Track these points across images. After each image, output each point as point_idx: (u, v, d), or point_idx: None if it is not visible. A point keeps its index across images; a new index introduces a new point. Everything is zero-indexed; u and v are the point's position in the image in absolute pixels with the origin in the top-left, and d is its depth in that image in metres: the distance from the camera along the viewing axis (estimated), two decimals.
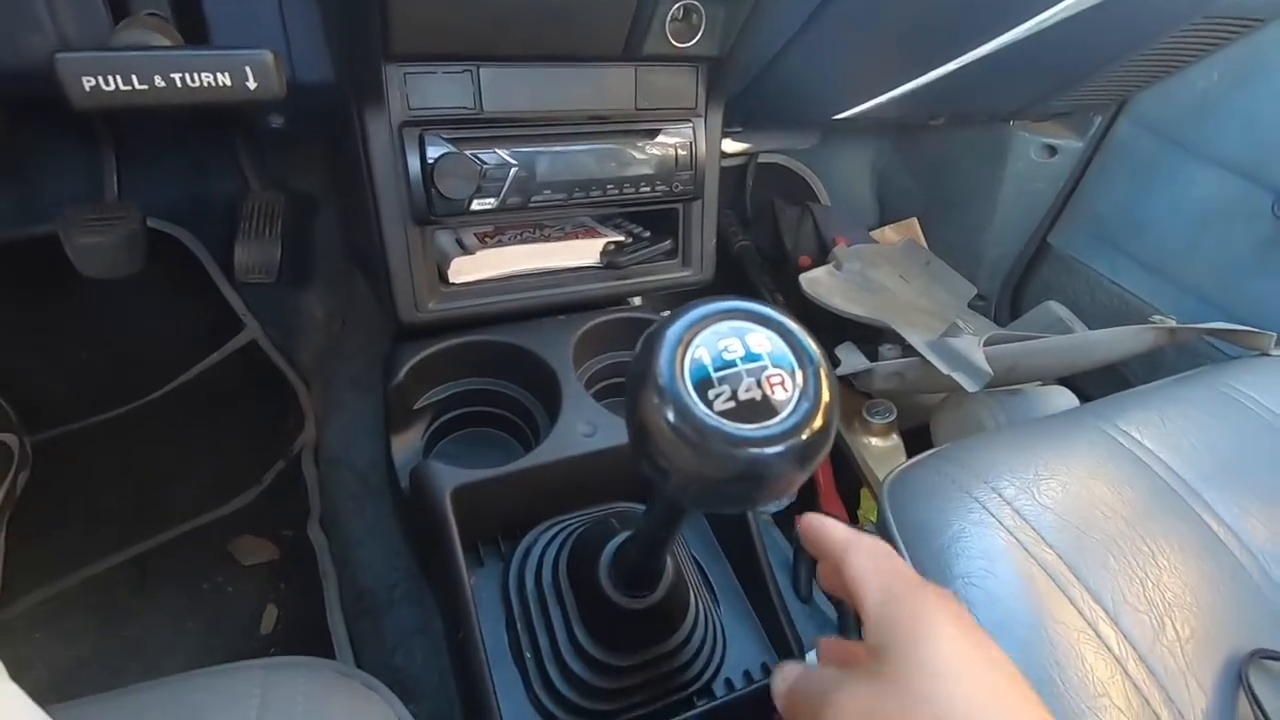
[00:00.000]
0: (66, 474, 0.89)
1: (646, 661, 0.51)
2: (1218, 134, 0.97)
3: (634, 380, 0.25)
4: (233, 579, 0.82)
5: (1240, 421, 0.60)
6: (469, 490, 0.54)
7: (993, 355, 0.75)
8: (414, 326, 0.62)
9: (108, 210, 0.88)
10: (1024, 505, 0.49)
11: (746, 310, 0.25)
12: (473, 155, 0.57)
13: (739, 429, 0.23)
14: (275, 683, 0.37)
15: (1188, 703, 0.41)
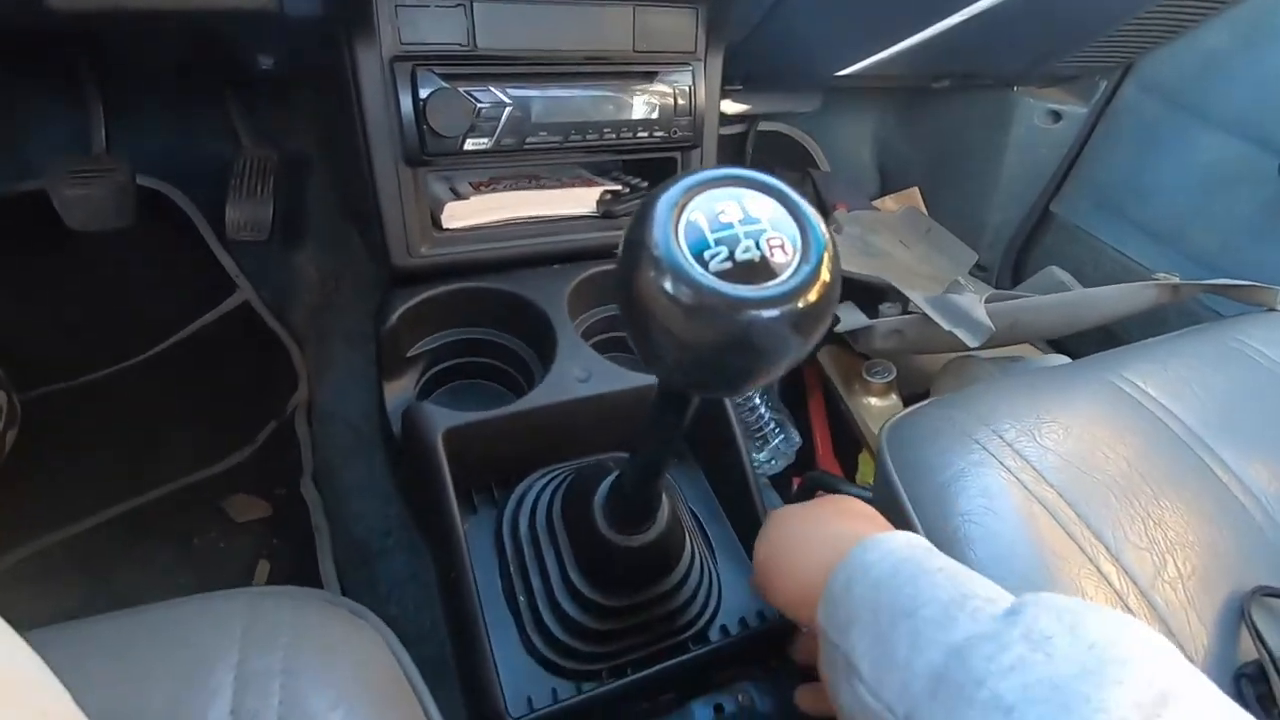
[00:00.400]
0: (56, 432, 0.88)
1: (641, 603, 0.50)
2: (1225, 96, 0.95)
3: (627, 247, 0.24)
4: (225, 535, 0.82)
5: (1244, 372, 0.60)
6: (461, 432, 0.54)
7: (994, 312, 0.74)
8: (407, 271, 0.61)
9: (95, 162, 0.87)
10: (1025, 447, 0.49)
11: (746, 177, 0.24)
12: (466, 93, 0.56)
13: (735, 289, 0.22)
14: (261, 608, 0.36)
15: (1189, 636, 0.41)
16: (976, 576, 0.32)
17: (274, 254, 1.00)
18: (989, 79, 1.10)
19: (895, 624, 0.31)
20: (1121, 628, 0.27)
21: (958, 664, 0.28)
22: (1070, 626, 0.27)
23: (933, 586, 0.32)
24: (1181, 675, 0.26)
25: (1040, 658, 0.26)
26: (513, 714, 0.47)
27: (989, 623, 0.29)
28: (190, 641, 0.34)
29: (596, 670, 0.51)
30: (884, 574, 0.34)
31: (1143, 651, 0.26)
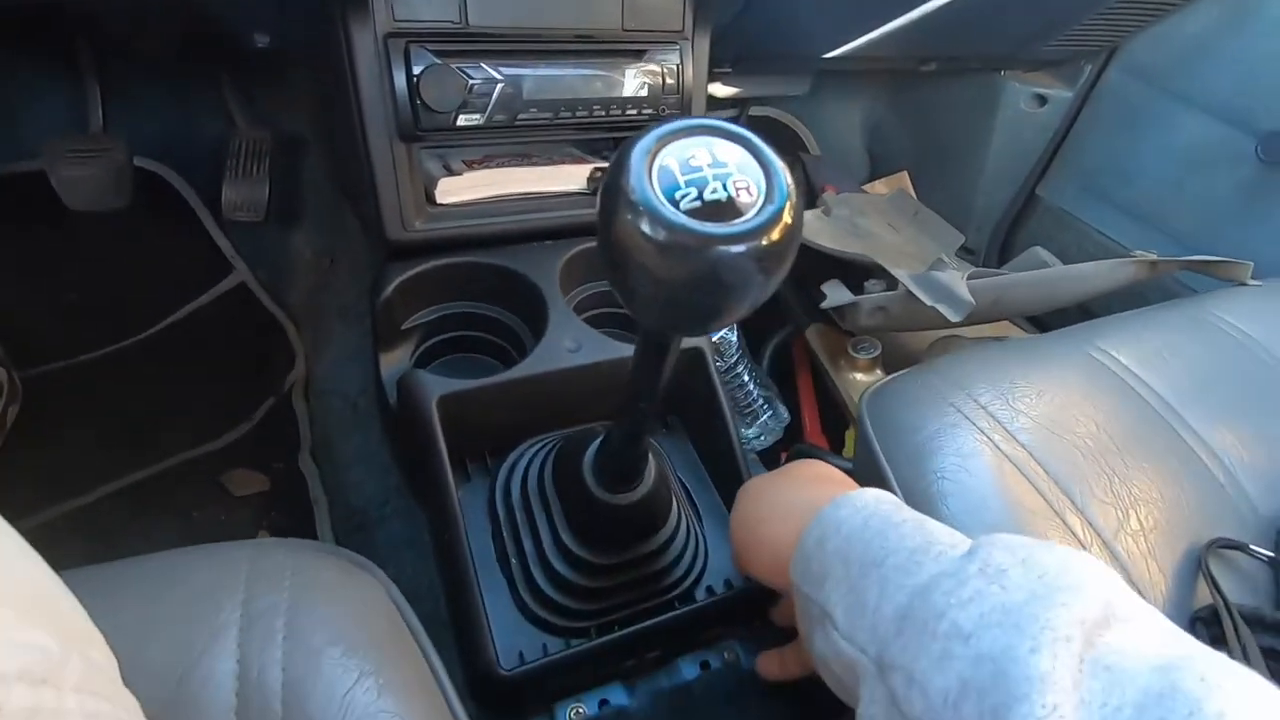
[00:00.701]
0: (55, 410, 0.89)
1: (629, 562, 0.52)
2: (1206, 79, 0.97)
3: (605, 191, 0.25)
4: (225, 509, 0.83)
5: (1215, 343, 0.62)
6: (455, 399, 0.55)
7: (976, 289, 0.76)
8: (401, 245, 0.62)
9: (92, 142, 0.88)
10: (999, 410, 0.50)
11: (715, 126, 0.26)
12: (459, 69, 0.57)
13: (704, 226, 0.24)
14: (264, 557, 0.38)
15: (1148, 584, 0.43)
16: (941, 527, 0.34)
17: (270, 234, 1.01)
18: (976, 62, 1.11)
19: (866, 573, 0.33)
20: (1069, 557, 0.29)
21: (921, 602, 0.30)
22: (1022, 560, 0.29)
23: (900, 537, 0.34)
24: (1125, 598, 0.28)
25: (995, 589, 0.28)
26: (504, 667, 0.49)
27: (950, 563, 0.31)
28: (196, 583, 0.35)
29: (585, 627, 0.53)
30: (855, 528, 0.35)
31: (1089, 578, 0.28)
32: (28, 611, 0.21)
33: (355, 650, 0.34)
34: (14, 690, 0.18)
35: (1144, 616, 0.28)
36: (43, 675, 0.19)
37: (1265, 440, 0.53)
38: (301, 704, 0.31)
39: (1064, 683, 0.24)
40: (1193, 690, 0.23)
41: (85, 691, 0.20)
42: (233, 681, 0.31)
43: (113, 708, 0.22)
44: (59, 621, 0.23)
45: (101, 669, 0.23)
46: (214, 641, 0.33)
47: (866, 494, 0.38)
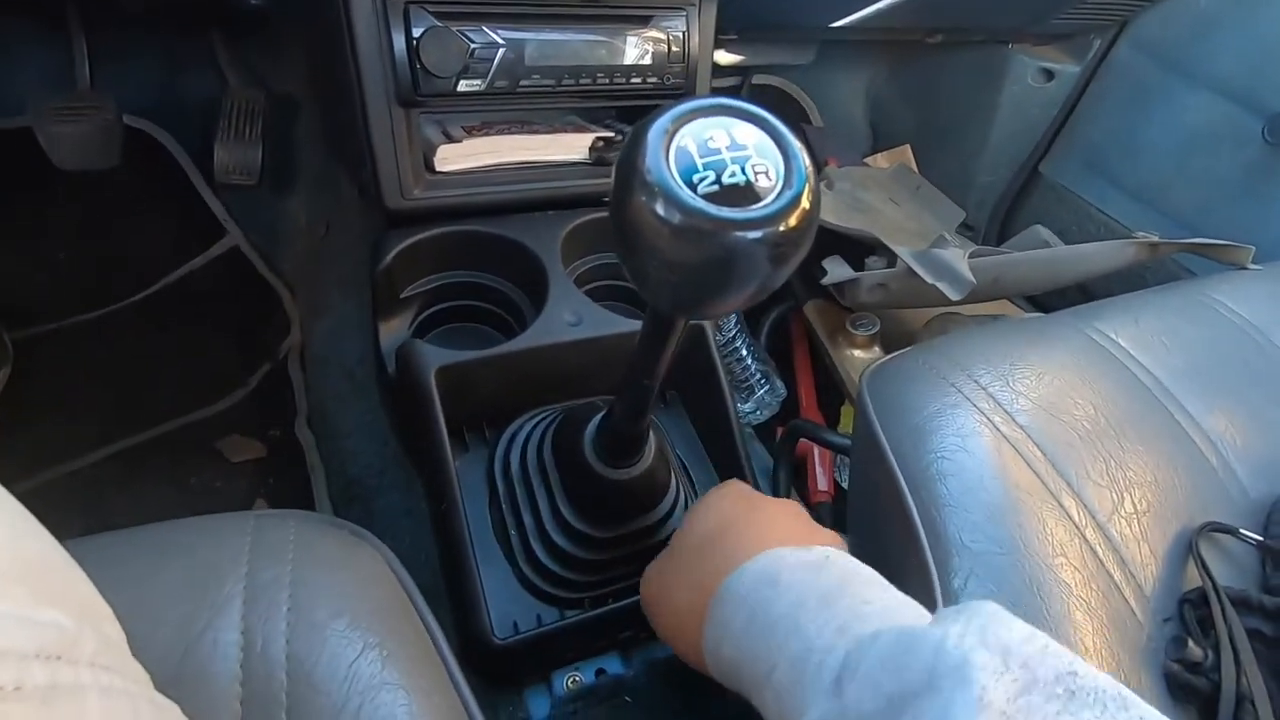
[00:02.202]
0: (47, 373, 0.88)
1: (626, 536, 0.53)
2: (1215, 56, 0.96)
3: (620, 169, 0.25)
4: (221, 475, 0.83)
5: (1213, 326, 0.62)
6: (453, 370, 0.55)
7: (976, 267, 0.76)
8: (400, 214, 0.61)
9: (80, 99, 0.86)
10: (998, 391, 0.51)
11: (734, 107, 0.25)
12: (460, 32, 0.56)
13: (720, 211, 0.23)
14: (267, 526, 0.38)
15: (1139, 565, 0.44)
16: (818, 607, 0.32)
17: (263, 198, 0.99)
18: (984, 34, 1.09)
19: (760, 690, 0.33)
20: (933, 669, 0.26)
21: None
22: (889, 700, 0.26)
23: (780, 644, 0.32)
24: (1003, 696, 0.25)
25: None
26: (498, 635, 0.50)
27: (827, 700, 0.28)
28: (199, 555, 0.35)
29: (580, 599, 0.53)
30: (739, 630, 0.34)
31: (953, 703, 0.25)
32: (41, 588, 0.21)
33: (359, 622, 0.34)
34: (32, 668, 0.18)
35: (1039, 669, 0.25)
36: (58, 652, 0.19)
37: (1259, 425, 0.54)
38: (307, 676, 0.31)
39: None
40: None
41: (99, 666, 0.21)
42: (237, 653, 0.31)
43: (125, 681, 0.22)
44: (71, 597, 0.23)
45: (114, 643, 0.23)
46: (218, 615, 0.33)
47: (745, 576, 0.35)
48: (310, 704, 0.31)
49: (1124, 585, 0.43)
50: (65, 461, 0.82)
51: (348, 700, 0.31)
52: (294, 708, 0.30)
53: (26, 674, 0.18)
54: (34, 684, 0.18)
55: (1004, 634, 0.26)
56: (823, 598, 0.32)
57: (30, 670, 0.18)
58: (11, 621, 0.18)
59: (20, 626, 0.18)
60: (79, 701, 0.19)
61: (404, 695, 0.32)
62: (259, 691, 0.31)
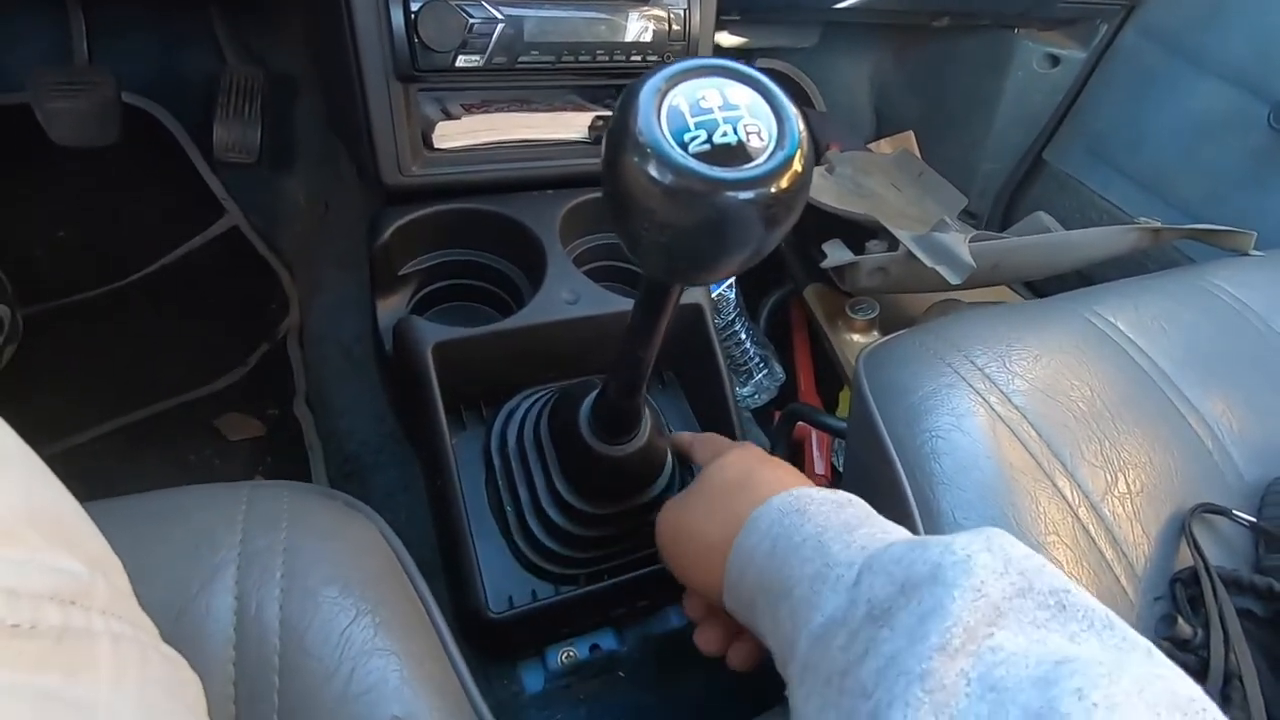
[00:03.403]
0: (46, 350, 0.88)
1: (621, 513, 0.53)
2: (1223, 43, 0.95)
3: (611, 130, 0.25)
4: (220, 453, 0.84)
5: (1213, 311, 0.62)
6: (450, 347, 0.55)
7: (977, 251, 0.75)
8: (398, 190, 0.61)
9: (79, 75, 0.85)
10: (994, 372, 0.51)
11: (727, 67, 0.25)
12: (458, 7, 0.55)
13: (712, 170, 0.23)
14: (261, 498, 0.38)
15: (1131, 545, 0.44)
16: (840, 531, 0.33)
17: (262, 177, 0.99)
18: (990, 18, 1.08)
19: (778, 607, 0.33)
20: (941, 559, 0.28)
21: (820, 654, 0.29)
22: (901, 585, 0.28)
23: (801, 562, 0.33)
24: (1004, 580, 0.27)
25: (885, 633, 0.27)
26: (494, 609, 0.50)
27: (843, 600, 0.30)
28: (195, 521, 0.35)
29: (575, 575, 0.54)
30: (763, 556, 0.35)
31: (959, 579, 0.27)
32: (56, 536, 0.21)
33: (352, 589, 0.34)
34: (46, 610, 0.19)
35: (1035, 580, 0.27)
36: (72, 597, 0.20)
37: (1255, 409, 0.54)
38: (299, 640, 0.31)
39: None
40: (1070, 711, 0.23)
41: (111, 614, 0.21)
42: (231, 617, 0.32)
43: (135, 630, 0.22)
44: (84, 547, 0.23)
45: (123, 593, 0.23)
46: (212, 579, 0.33)
47: (771, 509, 0.36)
48: (302, 668, 0.31)
49: (1115, 563, 0.43)
50: (65, 437, 0.82)
51: (340, 665, 0.31)
52: (286, 671, 0.31)
53: (41, 614, 0.18)
54: (48, 624, 0.18)
55: (1008, 548, 0.28)
56: (845, 525, 0.34)
57: (44, 611, 0.18)
58: (27, 566, 0.19)
59: (36, 570, 0.19)
60: (90, 645, 0.20)
61: (396, 661, 0.32)
62: (252, 654, 0.31)
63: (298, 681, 0.31)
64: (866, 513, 0.36)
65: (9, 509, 0.19)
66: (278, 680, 0.30)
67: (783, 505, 0.36)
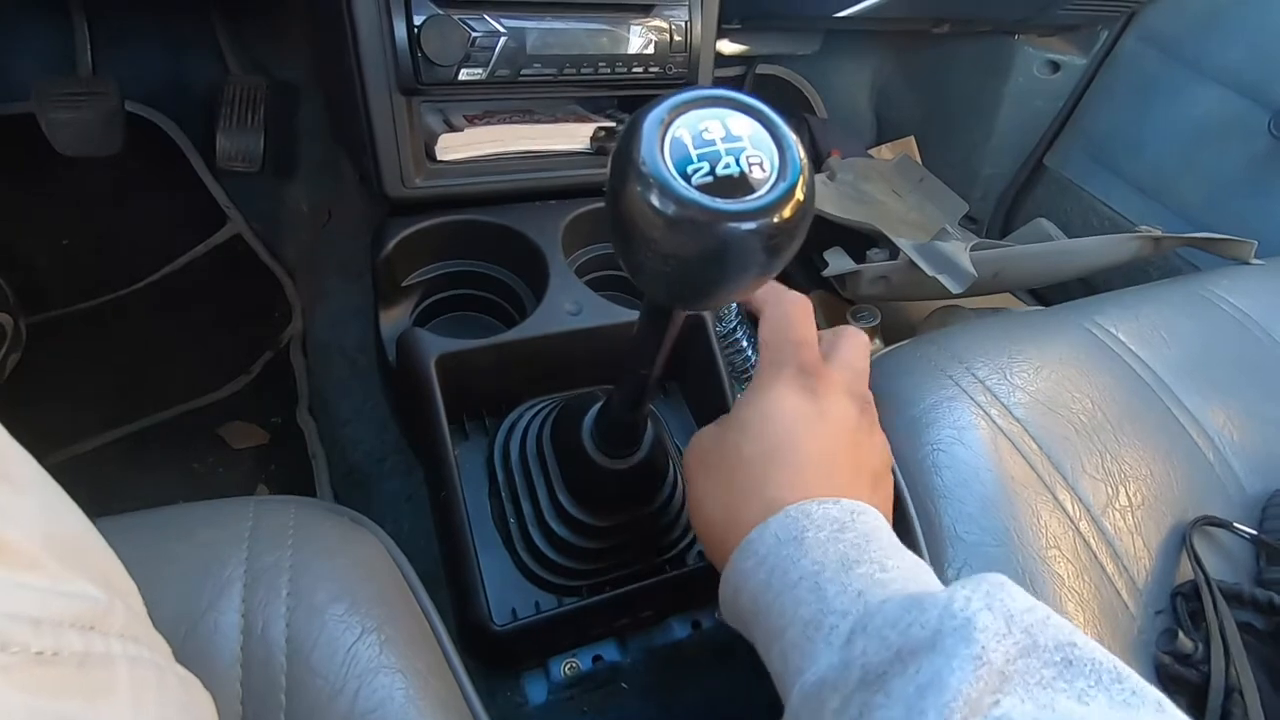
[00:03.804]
0: (50, 358, 0.89)
1: (624, 525, 0.53)
2: (1223, 49, 0.95)
3: (615, 161, 0.25)
4: (224, 461, 0.84)
5: (1213, 321, 0.62)
6: (454, 358, 0.55)
7: (978, 260, 0.76)
8: (401, 202, 0.61)
9: (82, 85, 0.86)
10: (996, 384, 0.51)
11: (729, 98, 0.25)
12: (461, 21, 0.56)
13: (715, 202, 0.24)
14: (267, 514, 0.38)
15: (1133, 558, 0.44)
16: (837, 573, 0.32)
17: (265, 186, 0.99)
18: (990, 24, 1.08)
19: (771, 645, 0.33)
20: (941, 623, 0.27)
21: (812, 713, 0.29)
22: (895, 651, 0.27)
23: (795, 603, 0.32)
24: (1004, 640, 0.26)
25: (880, 699, 0.27)
26: (497, 621, 0.50)
27: (835, 659, 0.29)
28: (200, 539, 0.36)
29: (578, 587, 0.54)
30: (758, 587, 0.34)
31: (959, 646, 0.26)
32: (74, 562, 0.21)
33: (357, 607, 0.35)
34: (68, 636, 0.19)
35: (1040, 636, 0.26)
36: (91, 622, 0.20)
37: (1256, 420, 0.54)
38: (306, 659, 0.32)
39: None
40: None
41: (128, 637, 0.22)
42: (238, 635, 0.32)
43: (151, 652, 0.23)
44: (101, 571, 0.24)
45: (139, 615, 0.24)
46: (219, 598, 0.33)
47: (769, 534, 0.35)
48: (309, 686, 0.31)
49: (1116, 577, 0.43)
50: (68, 446, 0.82)
51: (345, 683, 0.31)
52: (293, 689, 0.31)
53: (63, 641, 0.19)
54: (70, 651, 0.19)
55: (1009, 601, 0.27)
56: (843, 562, 0.32)
57: (66, 638, 0.19)
58: (49, 593, 0.19)
59: (57, 597, 0.19)
60: (110, 669, 0.20)
61: (401, 679, 0.32)
62: (258, 673, 0.31)
63: (304, 700, 0.31)
64: (869, 533, 0.34)
65: (28, 536, 0.20)
66: (284, 699, 0.31)
67: (781, 533, 0.35)
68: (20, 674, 0.17)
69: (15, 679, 0.17)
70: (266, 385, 0.91)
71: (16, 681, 0.17)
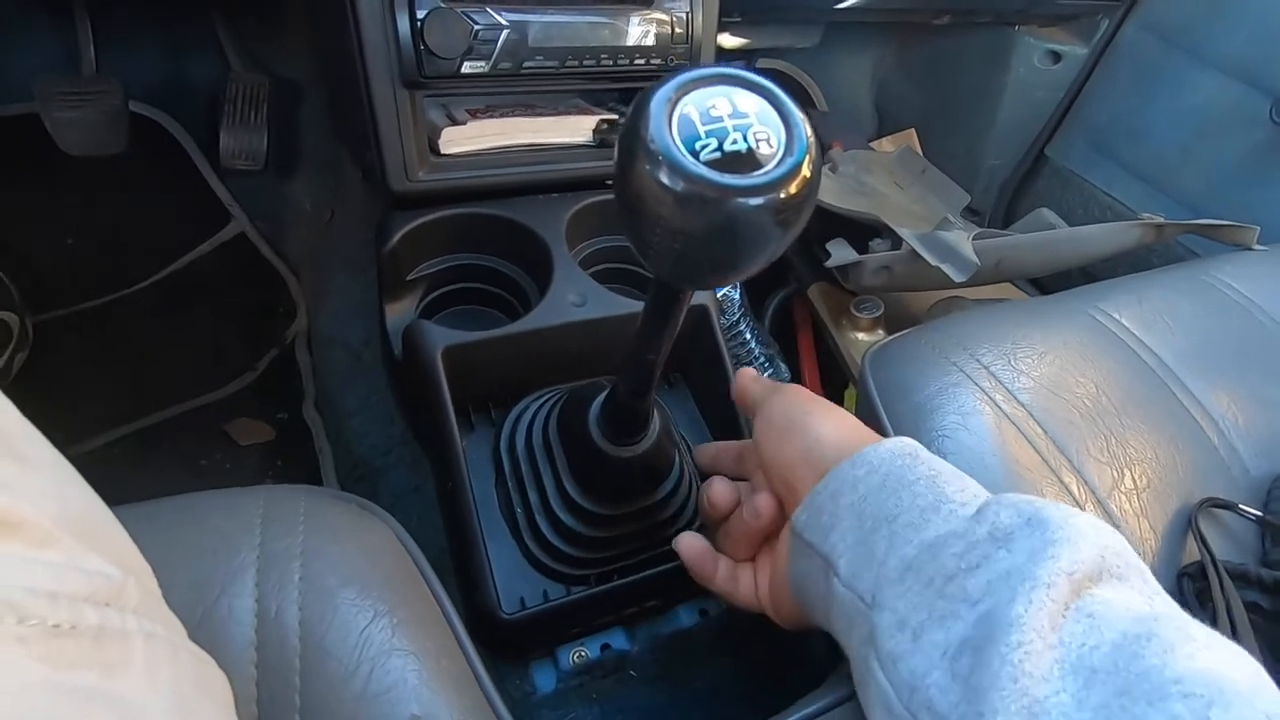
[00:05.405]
0: (58, 357, 0.89)
1: (631, 513, 0.53)
2: (1224, 36, 0.95)
3: (623, 139, 0.25)
4: (231, 457, 0.84)
5: (1217, 306, 0.62)
6: (460, 350, 0.56)
7: (980, 249, 0.76)
8: (405, 196, 0.62)
9: (86, 85, 0.86)
10: (1000, 370, 0.51)
11: (736, 75, 0.26)
12: (463, 14, 0.56)
13: (723, 178, 0.24)
14: (277, 501, 0.38)
15: (1139, 540, 0.44)
16: (954, 480, 0.35)
17: (268, 184, 1.00)
18: (991, 16, 1.08)
19: (877, 529, 0.34)
20: (1072, 514, 0.30)
21: (929, 557, 0.31)
22: (1027, 519, 0.30)
23: (913, 495, 0.34)
24: (1122, 557, 0.29)
25: (1002, 554, 0.29)
26: (506, 610, 0.51)
27: (959, 523, 0.32)
28: (213, 526, 0.36)
29: (586, 575, 0.54)
30: (871, 488, 0.36)
31: (1087, 532, 0.29)
32: (90, 540, 0.22)
33: (369, 591, 0.35)
34: (84, 611, 0.19)
35: (1137, 575, 0.29)
36: (107, 599, 0.21)
37: (1261, 404, 0.54)
38: (319, 642, 0.32)
39: (1036, 624, 0.26)
40: (1169, 636, 0.25)
41: (143, 615, 0.22)
42: (252, 620, 0.32)
43: (166, 631, 0.23)
44: (115, 549, 0.24)
45: (153, 595, 0.24)
46: (232, 583, 0.34)
47: (882, 449, 0.37)
48: (323, 668, 0.31)
49: None
50: (75, 444, 0.83)
51: (359, 665, 0.32)
52: (307, 671, 0.31)
53: (79, 615, 0.19)
54: (86, 624, 0.19)
55: (1125, 543, 0.30)
56: (958, 474, 0.35)
57: (82, 612, 0.19)
58: (64, 568, 0.20)
59: (72, 573, 0.20)
60: (125, 643, 0.20)
61: (414, 660, 0.32)
62: (273, 656, 0.31)
63: (318, 682, 0.31)
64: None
65: (44, 514, 0.20)
66: (299, 681, 0.31)
67: (895, 448, 0.37)
68: (38, 646, 0.18)
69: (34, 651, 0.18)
70: (272, 382, 0.91)
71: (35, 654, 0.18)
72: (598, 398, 0.49)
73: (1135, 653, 0.25)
